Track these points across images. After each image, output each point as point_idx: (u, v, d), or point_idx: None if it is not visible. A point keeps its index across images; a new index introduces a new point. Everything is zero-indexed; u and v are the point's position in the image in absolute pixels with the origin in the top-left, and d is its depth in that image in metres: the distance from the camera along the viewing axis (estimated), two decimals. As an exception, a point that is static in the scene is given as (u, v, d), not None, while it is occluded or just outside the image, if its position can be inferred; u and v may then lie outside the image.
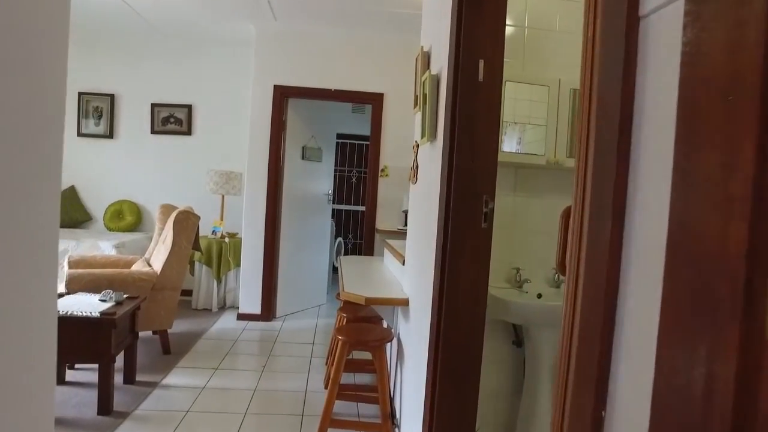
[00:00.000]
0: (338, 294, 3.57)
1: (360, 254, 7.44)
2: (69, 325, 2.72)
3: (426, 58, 2.21)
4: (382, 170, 4.92)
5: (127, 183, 5.61)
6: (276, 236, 4.92)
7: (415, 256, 2.35)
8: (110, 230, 5.48)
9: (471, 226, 1.68)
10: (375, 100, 4.88)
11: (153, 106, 5.53)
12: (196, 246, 3.92)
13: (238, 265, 5.05)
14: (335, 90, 4.83)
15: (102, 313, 2.73)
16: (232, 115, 5.57)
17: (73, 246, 4.60)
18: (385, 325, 3.00)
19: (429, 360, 1.85)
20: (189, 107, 5.55)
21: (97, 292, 3.22)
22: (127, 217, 5.51)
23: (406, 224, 4.82)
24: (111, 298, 3.02)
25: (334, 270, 6.52)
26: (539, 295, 2.39)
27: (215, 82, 5.59)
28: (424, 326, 2.01)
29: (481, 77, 1.68)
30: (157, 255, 3.80)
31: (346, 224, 7.58)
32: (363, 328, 2.65)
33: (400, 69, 4.84)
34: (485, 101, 1.68)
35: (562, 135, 2.37)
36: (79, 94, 5.54)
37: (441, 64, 1.95)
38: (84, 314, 2.72)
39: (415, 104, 2.36)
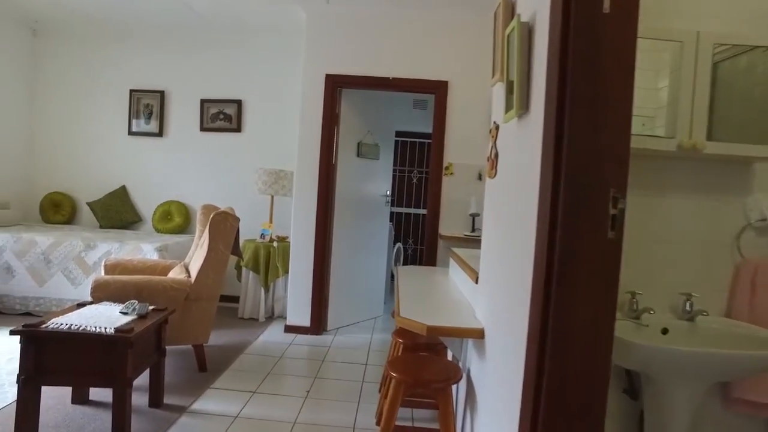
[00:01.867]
0: (394, 311, 3.04)
1: (420, 263, 6.88)
2: (80, 342, 2.35)
3: (509, 6, 1.64)
4: (446, 168, 4.35)
5: (176, 183, 5.36)
6: (328, 241, 4.47)
7: (493, 273, 1.77)
8: (158, 232, 5.24)
9: (591, 235, 1.09)
10: (438, 89, 4.32)
11: (202, 102, 5.25)
12: (235, 251, 3.51)
13: (287, 271, 4.64)
14: (393, 78, 4.31)
15: (117, 330, 2.34)
16: (283, 109, 5.20)
17: (116, 248, 4.35)
18: (449, 356, 2.44)
19: (523, 420, 1.27)
20: (238, 102, 5.22)
21: (124, 302, 2.86)
22: (176, 219, 5.25)
23: (473, 230, 4.23)
24: (134, 310, 2.64)
25: (393, 278, 6.00)
26: (664, 331, 1.74)
27: (266, 76, 5.23)
28: (511, 370, 1.44)
29: (606, 7, 1.09)
30: (195, 260, 3.43)
31: (406, 228, 7.06)
32: (423, 361, 2.10)
33: (467, 54, 4.26)
34: (614, 42, 1.08)
35: (700, 110, 1.71)
36: (131, 91, 5.35)
37: (536, 4, 1.38)
38: (97, 330, 2.34)
39: (494, 73, 1.80)
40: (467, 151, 4.30)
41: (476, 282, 2.00)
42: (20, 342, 2.36)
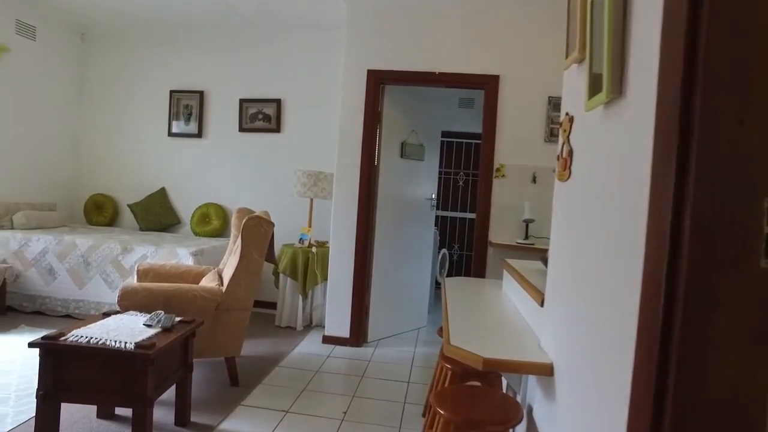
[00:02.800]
0: (440, 329, 2.74)
1: (467, 270, 6.53)
2: (98, 357, 2.17)
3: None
4: (497, 170, 4.00)
5: (215, 184, 5.25)
6: (369, 247, 4.20)
7: (566, 296, 1.45)
8: (196, 235, 5.13)
9: (736, 263, 0.76)
10: (488, 84, 3.98)
11: (241, 101, 5.11)
12: (270, 258, 3.30)
13: (326, 278, 4.41)
14: (440, 73, 4.01)
15: (137, 345, 2.15)
16: (323, 108, 4.98)
17: (152, 252, 4.24)
18: (504, 386, 2.12)
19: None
20: (278, 102, 5.05)
21: (151, 312, 2.68)
22: (214, 221, 5.12)
23: (527, 237, 3.87)
24: (158, 322, 2.44)
25: (437, 286, 5.69)
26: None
27: (306, 74, 5.04)
28: (596, 424, 1.12)
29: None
30: (228, 267, 3.23)
31: (451, 233, 6.72)
32: (475, 395, 1.79)
33: (520, 45, 3.91)
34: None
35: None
36: (171, 92, 5.27)
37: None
38: (116, 345, 2.15)
39: (567, 52, 1.48)
40: (520, 151, 3.95)
41: (541, 305, 1.67)
42: (39, 355, 2.21)
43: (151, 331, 2.35)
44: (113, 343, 2.17)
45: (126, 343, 2.17)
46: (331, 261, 4.22)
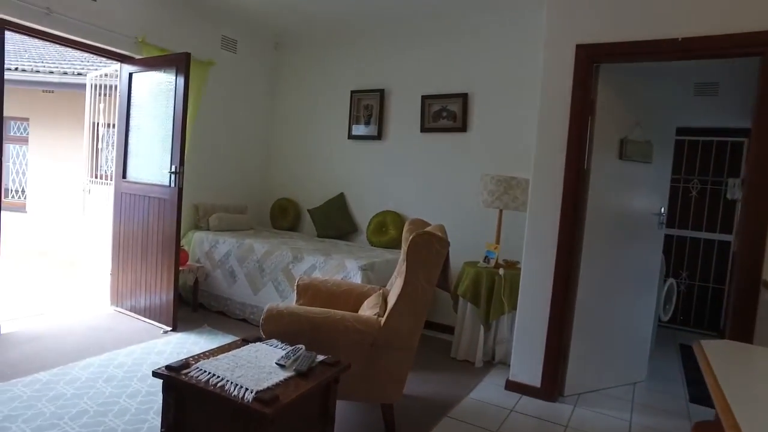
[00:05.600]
0: (699, 428, 1.72)
1: (700, 309, 4.99)
2: (215, 403, 1.73)
3: None
4: (777, 174, 2.70)
5: (393, 191, 4.80)
6: (573, 272, 3.25)
7: None
8: (372, 245, 4.74)
9: None
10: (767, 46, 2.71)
11: (423, 98, 4.56)
12: (443, 284, 2.62)
13: (514, 308, 3.57)
14: (684, 39, 2.87)
15: (257, 398, 1.65)
16: (517, 102, 4.15)
17: (320, 262, 3.92)
18: None
19: None
20: (464, 97, 4.37)
21: (294, 343, 2.22)
22: (391, 231, 4.67)
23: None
24: (294, 362, 1.94)
25: (660, 326, 4.38)
26: None
27: (497, 62, 4.26)
28: None
29: None
30: (393, 292, 2.65)
31: (678, 257, 5.25)
32: None
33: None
34: None
35: None
36: (351, 93, 5.00)
37: None
38: (233, 392, 1.68)
39: None
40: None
41: None
42: (162, 388, 1.87)
43: (282, 375, 1.84)
44: (232, 388, 1.71)
45: (246, 390, 1.69)
46: (522, 287, 3.37)
